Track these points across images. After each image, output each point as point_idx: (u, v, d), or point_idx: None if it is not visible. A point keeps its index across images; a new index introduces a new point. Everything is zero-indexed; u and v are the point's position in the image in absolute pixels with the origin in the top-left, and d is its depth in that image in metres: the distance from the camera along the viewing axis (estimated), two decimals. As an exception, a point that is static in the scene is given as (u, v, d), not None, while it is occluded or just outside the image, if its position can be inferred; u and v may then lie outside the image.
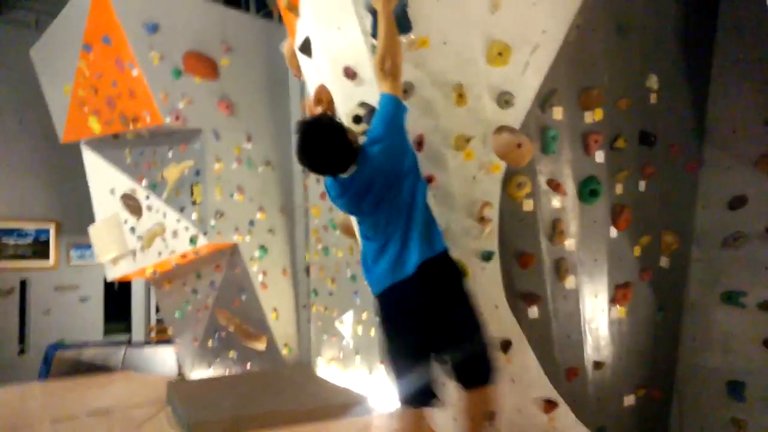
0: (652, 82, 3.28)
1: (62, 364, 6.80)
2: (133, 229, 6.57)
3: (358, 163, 2.60)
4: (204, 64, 5.89)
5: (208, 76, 5.92)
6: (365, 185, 2.62)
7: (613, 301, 3.38)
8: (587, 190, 3.17)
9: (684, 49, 3.42)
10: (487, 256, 3.06)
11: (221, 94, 5.97)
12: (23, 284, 8.47)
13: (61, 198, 8.62)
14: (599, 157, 3.17)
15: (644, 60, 3.24)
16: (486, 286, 3.10)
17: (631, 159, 3.30)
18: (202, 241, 5.99)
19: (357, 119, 2.97)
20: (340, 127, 2.59)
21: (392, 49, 2.60)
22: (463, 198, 3.01)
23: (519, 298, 3.15)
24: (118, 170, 6.63)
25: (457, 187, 2.99)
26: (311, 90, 3.34)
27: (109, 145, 6.65)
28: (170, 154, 6.24)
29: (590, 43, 3.00)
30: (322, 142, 2.55)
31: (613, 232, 3.32)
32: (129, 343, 8.35)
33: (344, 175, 2.64)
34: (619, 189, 3.29)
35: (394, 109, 2.61)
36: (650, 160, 3.38)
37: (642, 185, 3.39)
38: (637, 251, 3.43)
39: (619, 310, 3.41)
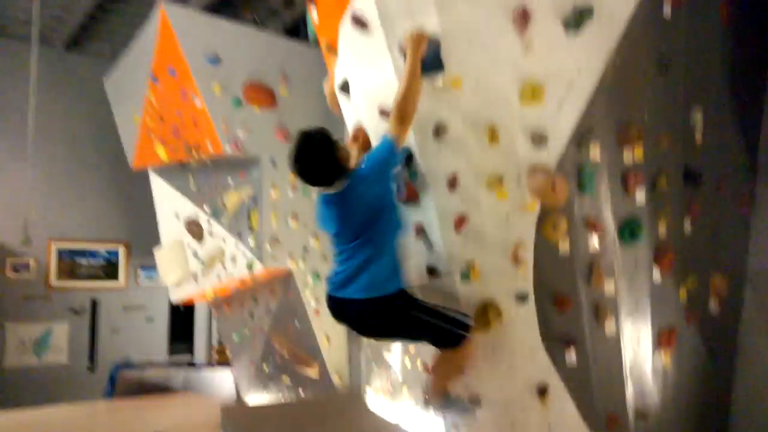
0: (697, 118, 3.15)
1: (126, 383, 7.09)
2: (195, 253, 6.82)
3: (347, 183, 2.82)
4: (263, 94, 6.10)
5: (266, 106, 6.12)
6: (347, 205, 2.85)
7: (657, 346, 3.24)
8: (627, 231, 3.07)
9: (732, 83, 3.28)
10: (522, 297, 3.02)
11: (279, 123, 6.15)
12: (94, 303, 8.90)
13: (131, 221, 9.04)
14: (640, 196, 3.06)
15: (688, 95, 3.12)
16: (521, 328, 3.06)
17: (674, 198, 3.18)
18: (257, 267, 6.16)
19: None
20: (331, 144, 2.81)
21: (412, 93, 2.69)
22: (497, 238, 2.98)
23: (556, 341, 3.08)
24: (183, 196, 6.92)
25: (491, 227, 2.97)
26: (349, 128, 3.41)
27: (175, 171, 6.95)
28: (230, 181, 6.46)
29: (628, 80, 2.93)
30: (312, 154, 2.80)
31: (656, 274, 3.19)
32: (190, 364, 8.62)
33: (330, 191, 2.88)
34: (662, 229, 3.16)
35: (387, 156, 2.77)
36: (696, 198, 3.25)
37: (687, 225, 3.25)
38: (682, 294, 3.29)
39: (664, 356, 3.27)
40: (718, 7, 3.18)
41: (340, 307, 3.01)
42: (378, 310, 2.89)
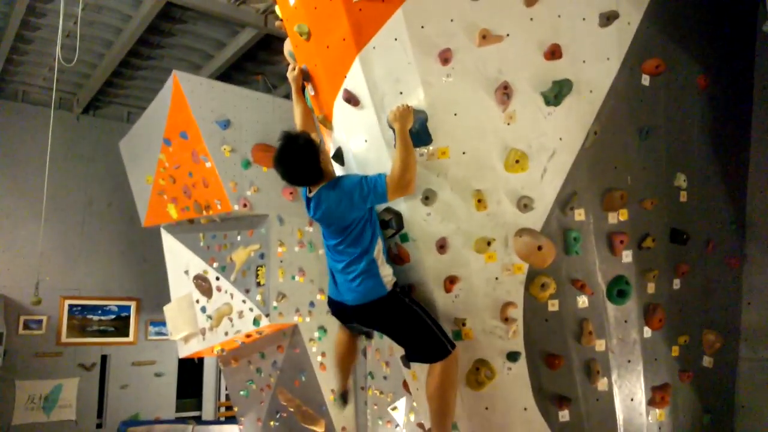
0: (681, 180, 3.27)
1: (133, 440, 7.12)
2: (203, 309, 6.93)
3: (324, 189, 3.03)
4: (271, 155, 6.25)
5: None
6: (327, 209, 3.04)
7: (650, 403, 3.28)
8: (615, 290, 3.15)
9: (715, 146, 3.41)
10: (513, 357, 3.08)
11: (285, 182, 6.32)
12: (104, 359, 9.00)
13: (142, 277, 9.23)
14: (627, 257, 3.16)
15: (670, 159, 3.25)
16: (513, 388, 3.11)
17: (662, 258, 3.27)
18: (264, 322, 6.24)
19: (383, 224, 3.14)
20: (313, 148, 3.01)
21: (408, 162, 2.83)
22: (487, 299, 3.08)
23: (549, 400, 3.13)
24: (193, 253, 7.08)
25: (481, 288, 3.07)
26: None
27: (185, 229, 7.14)
28: (239, 238, 6.62)
29: (610, 147, 3.06)
30: (296, 156, 3.01)
31: (647, 332, 3.26)
32: (197, 420, 8.63)
33: (310, 194, 3.10)
34: (650, 288, 3.25)
35: (373, 195, 2.91)
36: (684, 258, 3.34)
37: (677, 283, 3.33)
38: (675, 351, 3.34)
39: (659, 414, 3.30)
40: (696, 76, 3.34)
41: (341, 310, 3.21)
42: (375, 312, 3.06)
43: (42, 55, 7.99)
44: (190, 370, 9.37)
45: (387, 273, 3.03)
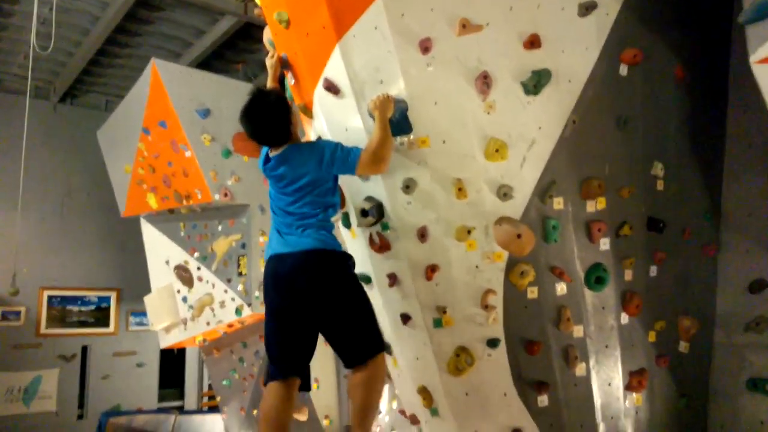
0: (657, 169, 3.32)
1: (115, 430, 7.09)
2: (185, 299, 6.91)
3: (293, 146, 2.95)
4: (251, 144, 6.20)
5: (255, 155, 6.27)
6: (291, 166, 2.91)
7: (627, 388, 3.34)
8: (593, 277, 3.20)
9: (692, 135, 3.46)
10: (493, 343, 3.12)
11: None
12: (84, 350, 8.94)
13: (122, 267, 9.16)
14: (604, 244, 3.21)
15: (647, 148, 3.29)
16: (493, 374, 3.15)
17: (639, 245, 3.32)
18: (246, 312, 6.24)
19: (364, 213, 3.14)
20: (284, 105, 2.93)
21: (384, 147, 2.84)
22: (467, 286, 3.10)
23: (528, 385, 3.18)
24: (173, 243, 7.04)
25: (461, 276, 3.09)
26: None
27: (165, 219, 7.09)
28: (219, 228, 6.60)
29: (588, 136, 3.10)
30: (264, 111, 2.90)
31: (624, 318, 3.32)
32: (180, 410, 8.61)
33: (273, 153, 2.99)
34: (628, 275, 3.30)
35: (343, 164, 2.88)
36: (660, 245, 3.39)
37: (653, 270, 3.39)
38: (652, 337, 3.40)
39: (636, 398, 3.37)
40: (673, 66, 3.38)
41: (280, 266, 2.89)
42: (327, 266, 2.86)
43: (16, 42, 7.85)
44: (171, 361, 9.34)
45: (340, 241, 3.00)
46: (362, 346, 2.92)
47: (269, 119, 2.92)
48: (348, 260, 3.01)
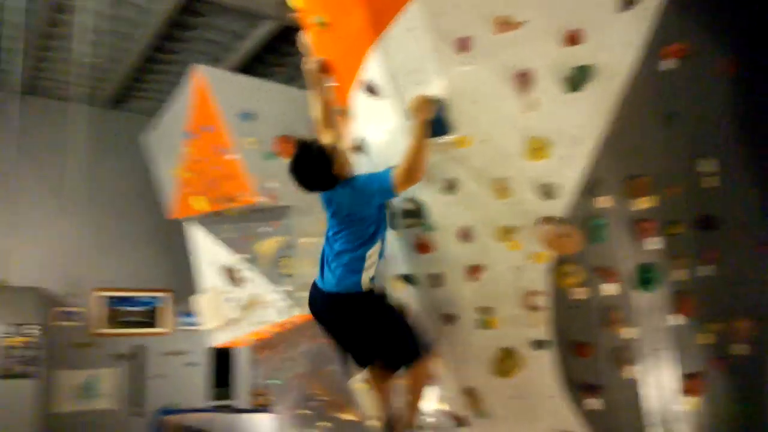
0: (707, 165, 3.18)
1: (170, 428, 7.26)
2: (233, 300, 7.01)
3: (341, 186, 3.04)
4: (294, 146, 6.32)
5: (298, 157, 6.33)
6: (339, 207, 3.06)
7: (682, 391, 3.23)
8: (642, 278, 3.10)
9: (742, 130, 3.30)
10: (539, 346, 3.06)
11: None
12: (138, 350, 9.19)
13: (173, 268, 9.35)
14: (654, 243, 3.10)
15: (695, 144, 3.15)
16: (540, 376, 3.09)
17: (690, 244, 3.19)
18: (293, 312, 6.30)
19: (406, 213, 3.13)
20: (325, 156, 3.01)
21: (420, 154, 2.85)
22: (512, 287, 3.05)
23: (576, 388, 3.10)
24: (220, 244, 7.15)
25: (505, 276, 3.04)
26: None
27: (212, 221, 7.20)
28: (265, 230, 6.67)
29: (633, 133, 2.98)
30: (307, 165, 3.05)
31: (677, 319, 3.20)
32: (231, 408, 8.77)
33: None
34: (679, 275, 3.18)
35: (379, 191, 2.97)
36: (713, 243, 3.25)
37: (706, 270, 3.26)
38: (705, 338, 3.27)
39: (690, 402, 3.25)
40: (722, 59, 3.23)
41: (317, 301, 3.20)
42: (348, 305, 3.08)
43: (69, 51, 8.09)
44: (221, 360, 9.51)
45: (369, 274, 3.07)
46: (394, 360, 3.14)
47: (313, 171, 3.05)
48: (369, 297, 3.11)
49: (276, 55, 8.27)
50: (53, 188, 8.76)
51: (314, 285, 3.24)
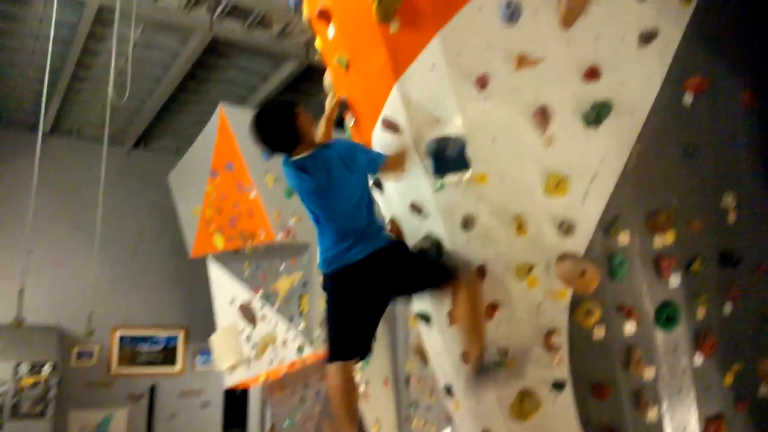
0: (729, 199, 3.16)
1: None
2: (248, 338, 7.01)
3: (313, 154, 2.92)
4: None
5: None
6: (321, 171, 2.90)
7: (705, 434, 3.15)
8: (663, 316, 3.05)
9: (765, 162, 3.29)
10: (558, 386, 3.01)
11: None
12: (153, 389, 9.13)
13: (190, 307, 9.39)
14: (674, 281, 3.06)
15: (717, 178, 3.14)
16: (560, 418, 3.03)
17: (711, 281, 3.15)
18: (308, 351, 6.28)
19: (422, 251, 3.13)
20: (289, 110, 2.93)
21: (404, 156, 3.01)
22: (529, 326, 3.02)
23: (596, 430, 3.03)
24: (238, 282, 7.19)
25: (523, 315, 3.02)
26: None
27: (231, 259, 7.26)
28: (282, 267, 6.70)
29: (654, 167, 2.99)
30: (269, 119, 2.94)
31: (699, 359, 3.14)
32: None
33: (293, 158, 2.96)
34: (700, 313, 3.13)
35: (367, 162, 2.96)
36: (735, 281, 3.21)
37: (728, 308, 3.21)
38: (729, 379, 3.20)
39: (714, 445, 3.16)
40: (741, 92, 3.24)
41: (341, 279, 3.04)
42: (381, 262, 2.96)
43: (95, 92, 8.32)
44: (235, 400, 9.42)
45: (382, 227, 3.11)
46: (428, 283, 3.03)
47: (272, 123, 2.94)
48: (394, 244, 3.12)
49: (299, 94, 8.44)
50: (76, 226, 8.89)
51: (328, 264, 3.08)
